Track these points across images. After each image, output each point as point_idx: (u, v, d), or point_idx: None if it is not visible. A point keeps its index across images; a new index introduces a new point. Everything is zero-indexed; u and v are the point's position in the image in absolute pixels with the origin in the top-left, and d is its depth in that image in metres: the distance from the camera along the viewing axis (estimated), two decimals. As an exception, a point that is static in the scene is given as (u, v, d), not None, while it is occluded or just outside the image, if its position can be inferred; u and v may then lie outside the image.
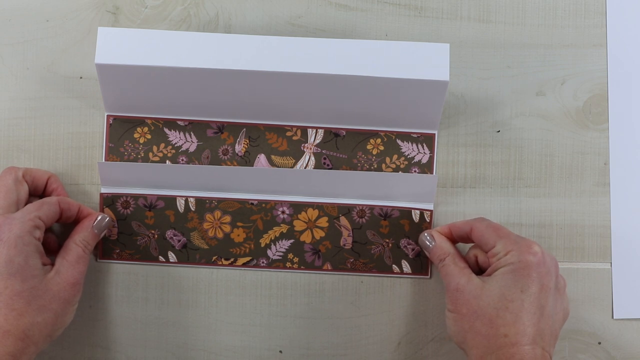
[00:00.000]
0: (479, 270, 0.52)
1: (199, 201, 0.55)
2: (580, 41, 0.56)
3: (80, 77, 0.55)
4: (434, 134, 0.55)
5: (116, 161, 0.55)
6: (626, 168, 0.56)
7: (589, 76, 0.56)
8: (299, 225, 0.55)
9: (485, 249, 0.50)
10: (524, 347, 0.46)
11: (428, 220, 0.55)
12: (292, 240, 0.55)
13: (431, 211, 0.55)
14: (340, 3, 0.56)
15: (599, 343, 0.56)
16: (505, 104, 0.56)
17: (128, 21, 0.55)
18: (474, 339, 0.48)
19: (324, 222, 0.55)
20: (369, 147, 0.55)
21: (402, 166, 0.55)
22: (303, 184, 0.54)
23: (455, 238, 0.53)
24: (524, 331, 0.46)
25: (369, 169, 0.55)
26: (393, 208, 0.55)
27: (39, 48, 0.55)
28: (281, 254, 0.55)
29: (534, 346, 0.46)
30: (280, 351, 0.56)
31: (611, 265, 0.56)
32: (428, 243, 0.53)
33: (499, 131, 0.56)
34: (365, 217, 0.55)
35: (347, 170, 0.55)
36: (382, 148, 0.55)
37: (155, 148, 0.55)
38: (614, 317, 0.56)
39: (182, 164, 0.55)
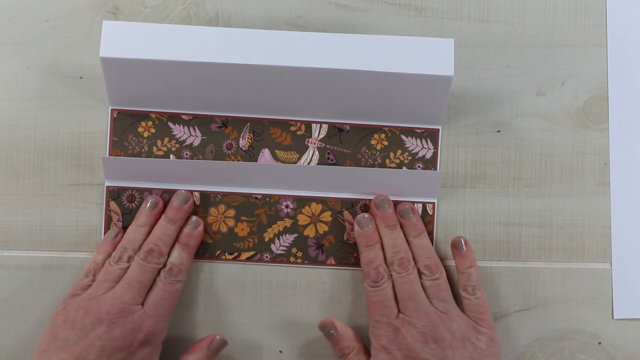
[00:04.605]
0: None
1: (204, 195, 0.55)
2: (580, 41, 0.57)
3: (81, 77, 0.55)
4: (438, 129, 0.55)
5: (120, 155, 0.55)
6: (626, 168, 0.56)
7: (589, 76, 0.56)
8: (302, 219, 0.55)
9: None
10: None
11: (430, 213, 0.55)
12: (295, 235, 0.55)
13: (434, 203, 0.55)
14: (340, 3, 0.56)
15: (599, 343, 0.56)
16: (505, 104, 0.56)
17: (128, 21, 0.55)
18: None
19: (327, 216, 0.55)
20: (373, 142, 0.55)
21: (406, 161, 0.55)
22: (307, 178, 0.54)
23: None
24: None
25: (372, 164, 0.55)
26: (396, 202, 0.55)
27: (39, 48, 0.55)
28: (285, 248, 0.55)
29: None
30: (280, 351, 0.56)
31: (611, 266, 0.56)
32: (332, 332, 0.53)
33: (499, 131, 0.56)
34: (369, 211, 0.55)
35: (351, 165, 0.55)
36: (386, 143, 0.55)
37: (159, 142, 0.55)
38: (614, 317, 0.56)
39: (186, 158, 0.55)
